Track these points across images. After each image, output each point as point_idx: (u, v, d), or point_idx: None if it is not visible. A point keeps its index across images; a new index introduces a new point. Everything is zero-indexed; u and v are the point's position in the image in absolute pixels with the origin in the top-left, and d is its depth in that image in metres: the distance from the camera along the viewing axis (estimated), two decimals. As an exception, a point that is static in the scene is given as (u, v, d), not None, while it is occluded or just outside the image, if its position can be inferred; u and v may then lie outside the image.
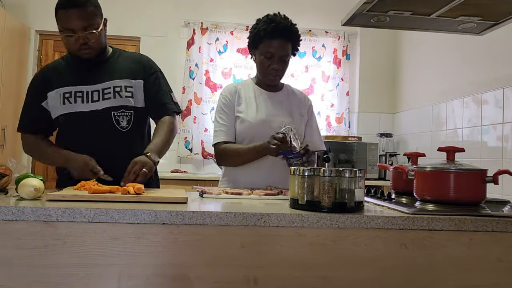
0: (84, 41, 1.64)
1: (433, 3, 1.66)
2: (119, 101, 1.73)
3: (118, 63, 1.80)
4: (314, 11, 4.24)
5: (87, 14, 1.63)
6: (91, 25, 1.64)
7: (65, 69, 1.78)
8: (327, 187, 1.21)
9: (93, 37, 1.65)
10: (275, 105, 1.95)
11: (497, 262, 1.21)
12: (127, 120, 1.75)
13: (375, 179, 3.81)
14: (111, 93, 1.73)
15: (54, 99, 1.73)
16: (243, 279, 1.15)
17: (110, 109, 1.72)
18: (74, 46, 1.66)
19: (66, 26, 1.63)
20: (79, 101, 1.71)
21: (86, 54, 1.68)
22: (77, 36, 1.63)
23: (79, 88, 1.72)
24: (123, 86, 1.74)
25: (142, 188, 1.36)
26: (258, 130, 1.87)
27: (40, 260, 1.11)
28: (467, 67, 3.13)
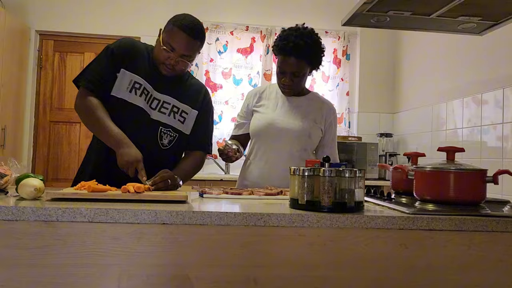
0: (174, 64, 1.68)
1: (433, 3, 1.66)
2: (171, 121, 1.76)
3: (187, 86, 1.83)
4: (314, 11, 4.24)
5: (194, 47, 1.70)
6: (190, 57, 1.71)
7: (146, 61, 1.76)
8: (327, 187, 1.21)
9: (184, 65, 1.71)
10: (291, 108, 2.00)
11: (497, 262, 1.21)
12: (169, 140, 1.77)
13: (375, 179, 3.81)
14: (169, 109, 1.76)
15: (124, 80, 1.70)
16: (243, 279, 1.15)
17: (160, 123, 1.74)
18: (163, 60, 1.69)
19: (170, 43, 1.67)
20: (143, 97, 1.71)
21: (165, 72, 1.72)
22: (172, 55, 1.67)
23: (148, 87, 1.73)
24: (181, 109, 1.78)
25: (142, 187, 1.36)
26: (264, 128, 1.98)
27: (40, 260, 1.11)
28: (467, 67, 3.13)
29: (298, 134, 1.96)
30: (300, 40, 1.86)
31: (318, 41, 1.93)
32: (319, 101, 2.08)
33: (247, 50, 4.22)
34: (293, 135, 1.96)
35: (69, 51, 4.14)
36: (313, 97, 2.08)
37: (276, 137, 1.96)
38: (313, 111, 2.03)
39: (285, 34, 1.91)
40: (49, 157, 4.13)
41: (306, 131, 1.98)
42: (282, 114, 1.99)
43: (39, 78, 4.13)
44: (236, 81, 4.18)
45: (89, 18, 4.02)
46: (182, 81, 1.82)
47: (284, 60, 1.89)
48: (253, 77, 4.18)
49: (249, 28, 4.17)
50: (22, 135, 4.02)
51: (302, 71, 1.92)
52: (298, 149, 1.97)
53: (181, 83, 1.82)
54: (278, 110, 2.00)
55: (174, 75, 1.74)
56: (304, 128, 1.97)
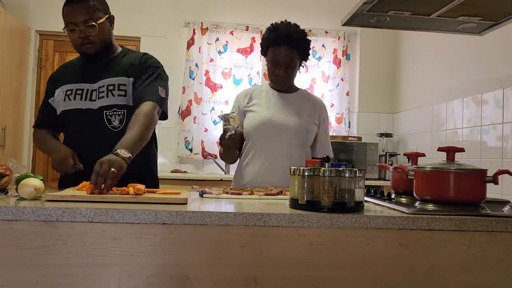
0: (85, 35, 1.67)
1: (433, 3, 1.66)
2: (111, 100, 1.71)
3: (120, 62, 1.79)
4: (314, 11, 4.24)
5: (88, 8, 1.66)
6: (91, 18, 1.66)
7: (74, 67, 1.83)
8: (327, 187, 1.21)
9: (93, 30, 1.67)
10: (284, 105, 2.01)
11: (497, 262, 1.21)
12: (120, 119, 1.72)
13: (375, 179, 3.81)
14: (105, 92, 1.72)
15: (59, 96, 1.77)
16: (243, 279, 1.15)
17: (102, 108, 1.71)
18: (77, 41, 1.69)
19: (68, 20, 1.66)
20: (78, 99, 1.73)
21: (88, 49, 1.70)
22: (78, 30, 1.65)
23: (80, 86, 1.74)
24: (116, 84, 1.72)
25: (142, 188, 1.36)
26: (261, 127, 1.97)
27: (40, 260, 1.11)
28: (467, 67, 3.13)
29: (297, 130, 1.97)
30: (289, 30, 1.92)
31: (304, 32, 1.98)
32: (310, 97, 2.10)
33: (247, 50, 4.22)
34: (291, 131, 1.96)
35: (69, 51, 4.13)
36: (303, 94, 2.10)
37: (274, 134, 1.95)
38: (306, 107, 2.04)
39: (273, 26, 1.95)
40: (49, 157, 4.12)
41: (304, 126, 1.99)
42: (277, 111, 1.99)
43: (39, 78, 4.13)
44: (236, 81, 4.18)
45: (89, 18, 4.02)
46: (115, 61, 1.79)
47: (277, 51, 1.91)
48: (253, 77, 4.18)
49: (249, 28, 4.17)
50: (22, 135, 4.02)
51: (294, 62, 1.94)
52: (296, 145, 1.97)
53: (114, 63, 1.79)
54: (272, 108, 2.00)
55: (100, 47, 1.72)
56: (302, 124, 1.98)
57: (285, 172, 1.84)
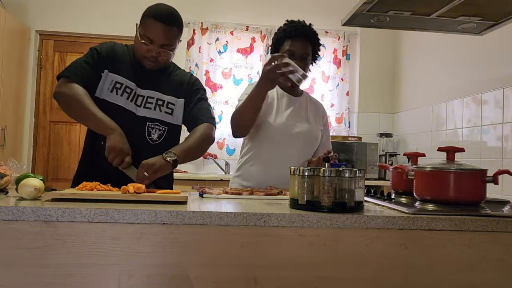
0: (156, 55, 1.67)
1: (433, 3, 1.66)
2: (157, 114, 1.73)
3: (171, 78, 1.80)
4: (314, 11, 4.24)
5: (172, 34, 1.69)
6: (170, 45, 1.69)
7: (127, 59, 1.77)
8: (327, 187, 1.21)
9: (166, 55, 1.70)
10: (295, 109, 1.99)
11: (497, 262, 1.21)
12: (159, 134, 1.75)
13: (375, 179, 3.81)
14: (153, 104, 1.73)
15: (106, 81, 1.70)
16: (243, 279, 1.15)
17: (146, 118, 1.72)
18: (144, 54, 1.68)
19: (148, 35, 1.66)
20: (125, 96, 1.70)
21: (149, 65, 1.70)
22: (152, 48, 1.66)
23: (130, 84, 1.71)
24: (166, 101, 1.75)
25: (142, 187, 1.36)
26: (278, 133, 1.91)
27: (40, 260, 1.11)
28: (467, 67, 3.13)
29: (308, 137, 1.97)
30: (305, 25, 1.95)
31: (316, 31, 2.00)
32: (313, 101, 2.09)
33: (247, 50, 4.22)
34: (303, 139, 1.95)
35: (69, 51, 4.14)
36: (308, 97, 2.09)
37: (287, 141, 1.92)
38: (313, 112, 2.04)
39: (289, 22, 1.96)
40: (49, 157, 4.13)
41: (314, 134, 2.00)
42: (292, 117, 1.96)
43: (39, 78, 4.13)
44: (236, 81, 4.18)
45: (89, 18, 4.02)
46: (166, 74, 1.80)
47: (294, 42, 1.90)
48: (253, 77, 4.18)
49: (249, 28, 4.17)
50: (22, 135, 4.02)
51: (309, 54, 1.95)
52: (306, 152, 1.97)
53: (166, 76, 1.80)
54: (287, 113, 1.96)
55: (159, 67, 1.73)
56: (313, 130, 1.99)
57: None
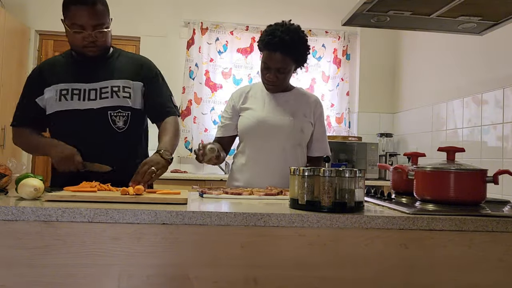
0: (92, 39, 1.65)
1: (433, 3, 1.66)
2: (116, 101, 1.71)
3: (118, 63, 1.79)
4: (314, 11, 4.24)
5: (98, 13, 1.65)
6: (102, 24, 1.66)
7: (63, 65, 1.77)
8: (327, 187, 1.21)
9: (102, 36, 1.67)
10: (279, 104, 1.98)
11: (497, 262, 1.21)
12: (124, 120, 1.73)
13: (375, 179, 3.81)
14: (109, 92, 1.71)
15: (50, 95, 1.71)
16: (243, 279, 1.15)
17: (106, 108, 1.70)
18: (81, 42, 1.66)
19: (76, 22, 1.63)
20: (76, 99, 1.70)
21: (91, 52, 1.69)
22: (86, 33, 1.64)
23: (76, 86, 1.71)
24: (121, 86, 1.73)
25: (141, 189, 1.36)
26: (255, 127, 1.94)
27: (40, 260, 1.11)
28: (467, 67, 3.13)
29: (291, 130, 1.94)
30: (286, 35, 1.83)
31: (304, 38, 1.90)
32: (305, 95, 2.06)
33: (247, 50, 4.22)
34: (286, 131, 1.93)
35: (69, 51, 4.14)
36: (298, 92, 2.06)
37: (269, 135, 1.93)
38: (301, 105, 2.00)
39: (271, 29, 1.87)
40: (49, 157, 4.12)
41: (298, 126, 1.95)
42: (272, 111, 1.96)
43: (39, 78, 4.13)
44: (236, 81, 4.18)
45: (89, 18, 4.02)
46: (111, 61, 1.79)
47: (270, 55, 1.86)
48: (253, 77, 4.18)
49: (249, 28, 4.17)
50: (22, 135, 4.01)
51: (287, 68, 1.89)
52: (292, 145, 1.95)
53: (111, 63, 1.78)
54: (267, 107, 1.96)
55: (100, 51, 1.72)
56: (296, 124, 1.95)
57: (281, 173, 1.86)
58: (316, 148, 2.04)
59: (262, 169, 1.92)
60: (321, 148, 2.05)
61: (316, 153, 2.04)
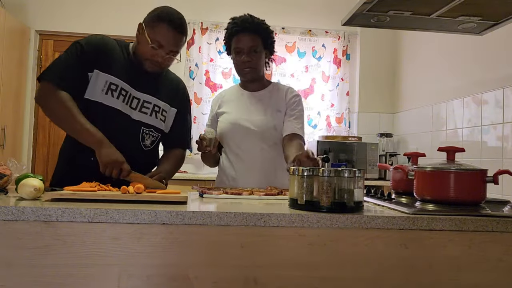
0: (161, 60, 1.66)
1: (433, 3, 1.66)
2: (153, 121, 1.73)
3: (164, 82, 1.80)
4: (314, 11, 4.24)
5: (181, 42, 1.69)
6: (177, 52, 1.69)
7: (120, 58, 1.70)
8: (326, 187, 1.21)
9: (170, 61, 1.70)
10: (252, 104, 1.97)
11: (497, 262, 1.21)
12: (152, 140, 1.76)
13: (375, 179, 3.81)
14: (150, 109, 1.72)
15: (98, 81, 1.61)
16: (243, 279, 1.15)
17: (141, 123, 1.71)
18: (149, 57, 1.65)
19: (159, 40, 1.63)
20: (121, 99, 1.65)
21: (151, 68, 1.69)
22: (161, 53, 1.64)
23: (125, 86, 1.67)
24: (161, 108, 1.76)
25: (142, 187, 1.36)
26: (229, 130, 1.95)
27: (40, 260, 1.11)
28: (467, 67, 3.13)
29: (263, 129, 1.90)
30: (249, 18, 1.96)
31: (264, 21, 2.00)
32: (279, 89, 2.02)
33: (247, 50, 4.21)
34: (258, 131, 1.90)
35: (69, 51, 4.14)
36: (273, 87, 2.02)
37: (243, 135, 1.91)
38: (275, 100, 1.97)
39: (231, 20, 1.99)
40: (49, 157, 4.13)
41: (270, 123, 1.90)
42: (244, 112, 1.95)
43: (39, 78, 4.13)
44: (236, 81, 4.16)
45: (89, 18, 4.02)
46: (160, 76, 1.78)
47: (239, 38, 1.91)
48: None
49: (249, 28, 4.16)
50: (22, 135, 4.02)
51: (258, 47, 1.91)
52: (268, 144, 1.91)
53: (159, 79, 1.78)
54: (240, 109, 1.96)
55: (159, 71, 1.72)
56: (268, 121, 1.90)
57: (262, 173, 1.87)
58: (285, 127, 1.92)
59: (243, 170, 1.91)
60: (289, 126, 1.91)
61: (285, 132, 1.90)
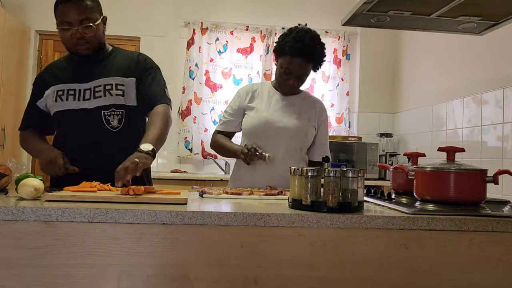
0: (80, 35, 1.65)
1: (433, 3, 1.66)
2: (109, 100, 1.70)
3: (114, 61, 1.78)
4: (314, 11, 4.24)
5: (85, 8, 1.65)
6: (88, 19, 1.65)
7: (63, 67, 1.80)
8: (332, 187, 1.20)
9: (90, 31, 1.66)
10: (285, 107, 2.00)
11: (497, 262, 1.21)
12: (118, 119, 1.71)
13: (375, 179, 3.81)
14: (102, 91, 1.71)
15: (49, 97, 1.74)
16: (243, 279, 1.15)
17: (100, 108, 1.69)
18: (71, 40, 1.66)
19: (63, 19, 1.64)
20: (71, 99, 1.71)
21: (83, 50, 1.68)
22: (73, 30, 1.63)
23: (72, 86, 1.72)
24: (114, 84, 1.71)
25: (141, 189, 1.35)
26: (261, 128, 1.95)
27: (40, 260, 1.11)
28: (467, 67, 3.13)
29: (296, 133, 1.96)
30: (315, 44, 1.91)
31: (324, 45, 1.97)
32: (311, 99, 2.09)
33: (247, 50, 4.22)
34: (290, 134, 1.95)
35: (69, 51, 4.14)
36: (305, 96, 2.09)
37: (273, 135, 1.94)
38: (307, 109, 2.03)
39: (299, 35, 1.89)
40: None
41: (303, 129, 1.98)
42: (278, 112, 1.98)
43: (39, 78, 4.13)
44: (236, 81, 4.18)
45: (89, 18, 4.02)
46: (107, 58, 1.78)
47: (294, 61, 1.89)
48: (253, 77, 4.18)
49: (249, 28, 4.17)
50: (22, 135, 4.01)
51: (307, 73, 1.96)
52: (295, 148, 1.97)
53: (107, 60, 1.77)
54: (273, 108, 1.99)
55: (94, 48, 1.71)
56: (301, 126, 1.97)
57: (282, 174, 1.87)
58: (318, 152, 2.06)
59: (265, 169, 1.92)
60: (323, 152, 2.07)
61: (317, 158, 2.05)
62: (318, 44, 1.93)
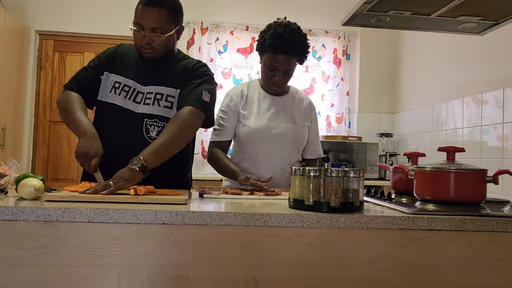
0: (148, 41, 1.63)
1: (433, 3, 1.66)
2: (155, 110, 1.65)
3: (173, 70, 1.71)
4: (314, 11, 4.24)
5: (161, 17, 1.61)
6: (161, 28, 1.62)
7: (131, 58, 1.73)
8: (335, 187, 1.20)
9: (158, 40, 1.63)
10: (278, 110, 1.97)
11: (497, 262, 1.21)
12: (158, 131, 1.64)
13: (375, 179, 3.81)
14: (152, 99, 1.66)
15: (107, 82, 1.70)
16: (243, 279, 1.15)
17: (144, 115, 1.65)
18: (139, 42, 1.64)
19: (137, 20, 1.62)
20: (123, 95, 1.67)
21: (147, 54, 1.65)
22: (143, 33, 1.62)
23: (129, 83, 1.68)
24: (165, 94, 1.66)
25: (142, 189, 1.35)
26: (258, 135, 1.92)
27: (40, 260, 1.11)
28: (467, 67, 3.13)
29: (294, 138, 1.96)
30: (295, 37, 1.83)
31: (306, 37, 1.90)
32: (300, 98, 2.05)
33: (247, 50, 4.22)
34: (288, 139, 1.94)
35: (69, 51, 4.14)
36: (294, 94, 2.04)
37: (271, 142, 1.91)
38: (299, 110, 2.01)
39: (277, 31, 1.83)
40: (49, 157, 4.13)
41: (300, 134, 1.98)
42: (274, 118, 1.94)
43: (39, 78, 4.13)
44: (236, 81, 4.18)
45: (89, 18, 4.02)
46: (170, 65, 1.72)
47: (276, 57, 1.83)
48: (253, 77, 4.18)
49: (249, 28, 4.17)
50: (22, 135, 4.01)
51: (293, 68, 1.90)
52: (293, 152, 1.97)
53: (168, 69, 1.71)
54: (269, 114, 1.95)
55: (159, 55, 1.67)
56: (298, 131, 1.97)
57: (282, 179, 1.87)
58: (310, 150, 2.05)
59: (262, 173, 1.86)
60: (315, 150, 2.07)
61: (310, 156, 2.05)
62: (299, 37, 1.85)
